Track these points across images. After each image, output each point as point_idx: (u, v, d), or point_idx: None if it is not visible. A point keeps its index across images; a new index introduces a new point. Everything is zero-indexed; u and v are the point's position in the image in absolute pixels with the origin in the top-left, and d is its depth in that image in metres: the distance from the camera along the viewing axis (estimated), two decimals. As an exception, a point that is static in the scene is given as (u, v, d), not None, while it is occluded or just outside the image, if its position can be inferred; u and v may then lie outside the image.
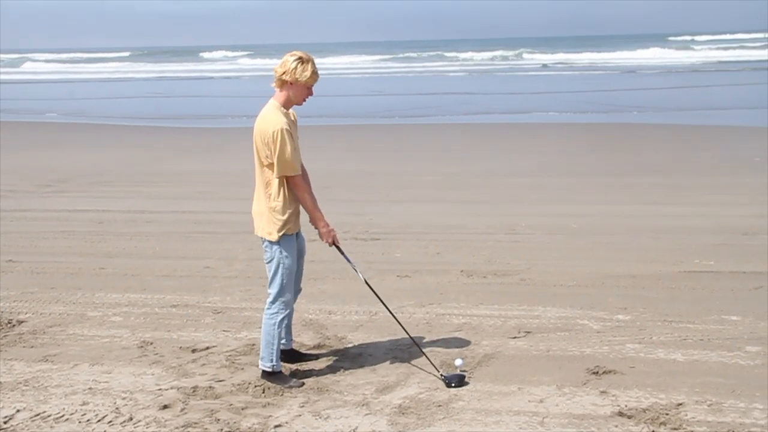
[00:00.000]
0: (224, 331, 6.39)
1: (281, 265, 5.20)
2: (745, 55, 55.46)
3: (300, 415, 4.82)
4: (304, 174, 5.26)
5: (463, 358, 5.52)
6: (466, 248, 8.97)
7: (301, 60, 5.06)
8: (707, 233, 9.37)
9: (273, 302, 5.28)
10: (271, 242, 5.18)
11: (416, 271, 8.05)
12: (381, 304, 5.67)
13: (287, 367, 5.57)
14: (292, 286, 5.33)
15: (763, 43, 63.07)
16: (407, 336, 5.71)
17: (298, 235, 5.34)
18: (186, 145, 18.89)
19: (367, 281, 5.63)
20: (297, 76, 5.05)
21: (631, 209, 10.93)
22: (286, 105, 5.17)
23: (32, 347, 6.04)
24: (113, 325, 6.55)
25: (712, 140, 17.85)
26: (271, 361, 5.29)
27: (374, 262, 8.43)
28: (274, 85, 5.16)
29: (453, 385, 5.19)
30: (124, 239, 9.68)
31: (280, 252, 5.19)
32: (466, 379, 5.28)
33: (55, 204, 11.97)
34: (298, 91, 5.11)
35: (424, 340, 6.06)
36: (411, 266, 8.23)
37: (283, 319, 5.31)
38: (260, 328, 5.37)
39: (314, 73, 5.10)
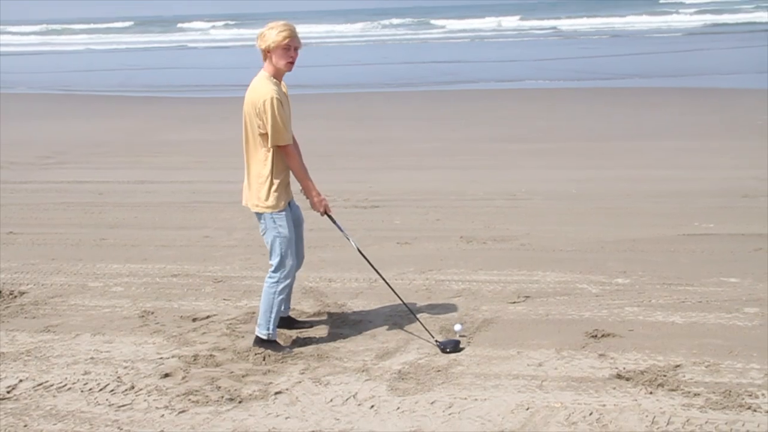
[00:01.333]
0: (224, 299, 6.41)
1: (277, 236, 5.20)
2: (741, 18, 54.85)
3: (300, 382, 4.85)
4: (295, 143, 5.24)
5: (462, 324, 5.54)
6: (466, 214, 8.97)
7: (272, 26, 5.03)
8: (707, 196, 9.36)
9: (275, 271, 5.28)
10: (262, 213, 5.18)
11: (416, 237, 8.06)
12: (381, 269, 5.67)
13: (287, 335, 5.60)
14: (293, 255, 5.32)
15: (753, 5, 62.32)
16: (407, 302, 5.73)
17: (290, 204, 5.32)
18: (184, 115, 18.85)
19: (360, 250, 5.64)
20: (269, 42, 5.01)
21: (631, 173, 10.90)
22: (276, 75, 5.13)
23: (34, 318, 6.08)
24: (114, 296, 6.58)
25: (713, 103, 17.76)
26: (268, 329, 5.31)
27: (374, 229, 8.45)
28: (262, 59, 5.14)
29: (448, 350, 5.22)
30: (124, 210, 9.69)
31: (273, 222, 5.18)
32: (462, 345, 5.30)
33: (55, 175, 11.97)
34: (278, 55, 5.05)
35: (424, 306, 6.08)
36: (411, 233, 8.24)
37: (284, 288, 5.32)
38: (260, 296, 5.38)
39: (285, 33, 5.01)
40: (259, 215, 5.22)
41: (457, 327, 5.48)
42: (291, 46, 5.07)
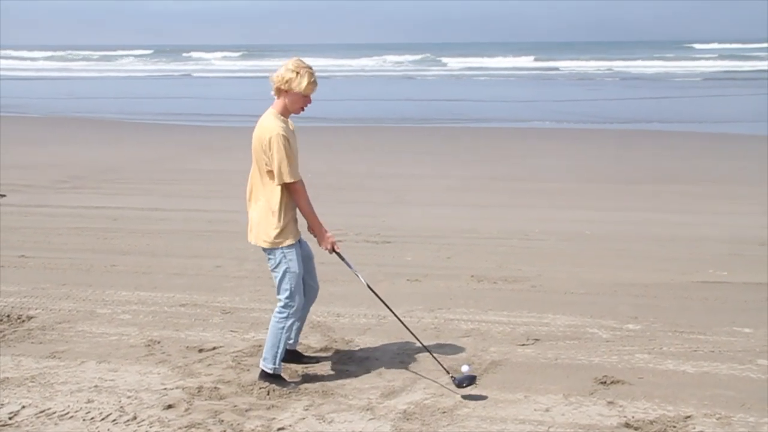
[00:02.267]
0: (232, 331, 6.36)
1: (288, 271, 5.17)
2: (755, 66, 54.99)
3: (304, 418, 4.78)
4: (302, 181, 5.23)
5: (470, 365, 5.46)
6: (478, 253, 8.92)
7: (297, 71, 5.02)
8: (721, 243, 9.27)
9: (284, 307, 5.25)
10: (272, 249, 5.15)
11: (426, 275, 8.01)
12: (391, 307, 5.63)
13: (293, 369, 5.54)
14: (301, 291, 5.30)
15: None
16: (415, 341, 5.68)
17: (299, 239, 5.29)
18: (201, 144, 18.94)
19: (370, 286, 5.60)
20: (293, 87, 5.02)
21: (645, 217, 10.83)
22: (284, 113, 5.13)
23: (40, 343, 6.04)
24: (122, 323, 6.54)
25: (728, 149, 17.71)
26: (274, 363, 5.26)
27: (385, 265, 8.40)
28: (272, 93, 5.14)
29: (465, 385, 5.13)
30: (136, 237, 9.69)
31: (284, 257, 5.16)
32: (478, 381, 5.22)
33: (69, 200, 12.01)
34: (294, 99, 5.07)
35: (432, 346, 5.98)
36: (421, 270, 8.18)
37: (292, 324, 5.29)
38: (267, 329, 5.33)
39: (311, 83, 5.05)
40: (268, 251, 5.19)
41: (465, 368, 5.38)
42: (309, 96, 5.10)
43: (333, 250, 5.35)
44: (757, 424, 4.69)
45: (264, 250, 5.22)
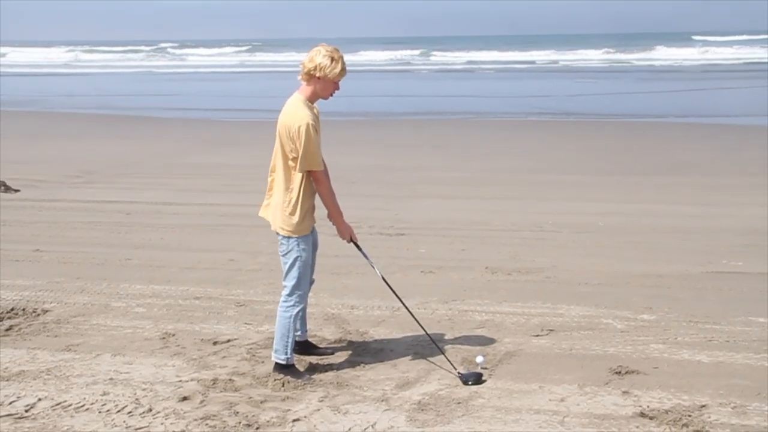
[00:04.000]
0: (246, 323, 6.39)
1: (299, 259, 5.19)
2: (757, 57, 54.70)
3: (319, 410, 4.80)
4: (325, 168, 5.23)
5: (484, 356, 5.47)
6: (492, 245, 8.91)
7: (332, 57, 5.02)
8: (736, 234, 9.22)
9: (289, 295, 5.27)
10: (287, 236, 5.17)
11: (440, 267, 8.01)
12: (405, 298, 5.63)
13: (307, 361, 5.56)
14: (308, 280, 5.34)
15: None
16: (429, 331, 5.68)
17: (313, 229, 5.31)
18: (214, 138, 18.98)
19: (385, 278, 5.60)
20: (327, 72, 5.01)
21: (659, 208, 10.80)
22: (312, 99, 5.13)
23: (56, 336, 6.08)
24: (136, 316, 6.58)
25: (741, 140, 17.58)
26: (286, 353, 5.28)
27: (399, 257, 8.40)
28: (300, 78, 5.12)
29: (470, 383, 5.15)
30: (150, 231, 9.74)
31: (298, 245, 5.18)
32: (484, 377, 5.23)
33: (83, 195, 12.07)
34: (325, 86, 5.08)
35: (446, 337, 6.02)
36: (435, 262, 8.18)
37: (298, 312, 5.30)
38: None
39: (344, 70, 5.07)
40: (282, 237, 5.20)
41: (479, 359, 5.41)
42: (339, 82, 5.12)
43: (351, 240, 5.34)
44: (773, 413, 4.67)
45: (278, 234, 5.23)
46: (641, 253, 8.49)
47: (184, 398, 4.95)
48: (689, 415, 4.62)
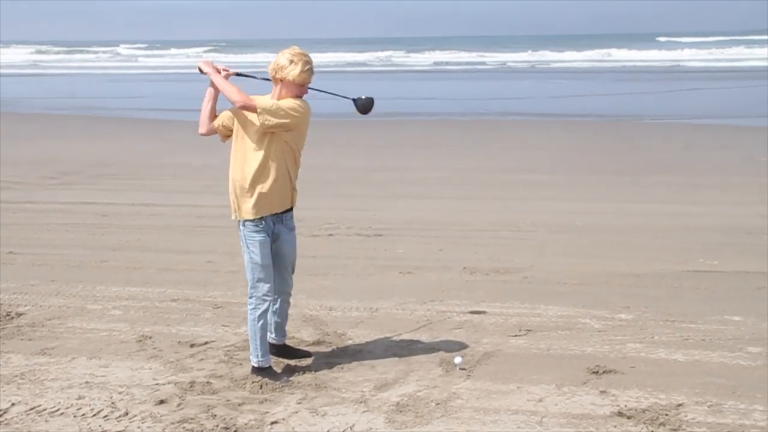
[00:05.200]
0: (224, 326, 6.34)
1: (246, 255, 5.14)
2: (746, 54, 55.26)
3: (297, 412, 4.77)
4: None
5: (462, 356, 5.47)
6: (470, 245, 8.91)
7: (292, 59, 4.99)
8: (712, 232, 9.30)
9: (250, 296, 5.23)
10: (238, 222, 5.15)
11: (419, 267, 8.00)
12: (382, 299, 5.62)
13: (285, 363, 5.52)
14: (268, 279, 5.17)
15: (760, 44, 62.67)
16: (407, 333, 5.67)
17: (275, 223, 5.18)
18: (192, 139, 18.82)
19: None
20: (285, 74, 4.99)
21: (636, 207, 10.85)
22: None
23: (30, 340, 6.01)
24: (112, 319, 6.52)
25: (717, 140, 17.75)
26: (257, 356, 5.22)
27: (377, 258, 8.39)
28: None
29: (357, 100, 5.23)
30: (127, 232, 9.66)
31: (244, 239, 5.13)
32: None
33: (59, 196, 11.96)
34: (288, 88, 5.04)
35: (425, 337, 6.01)
36: (413, 263, 8.17)
37: (262, 314, 5.18)
38: None
39: (304, 72, 4.99)
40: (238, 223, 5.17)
41: (458, 360, 5.41)
42: (305, 86, 5.06)
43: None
44: (747, 411, 4.71)
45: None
46: (619, 252, 8.53)
47: (161, 401, 4.90)
48: (666, 414, 4.65)
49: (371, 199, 11.69)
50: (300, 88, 5.06)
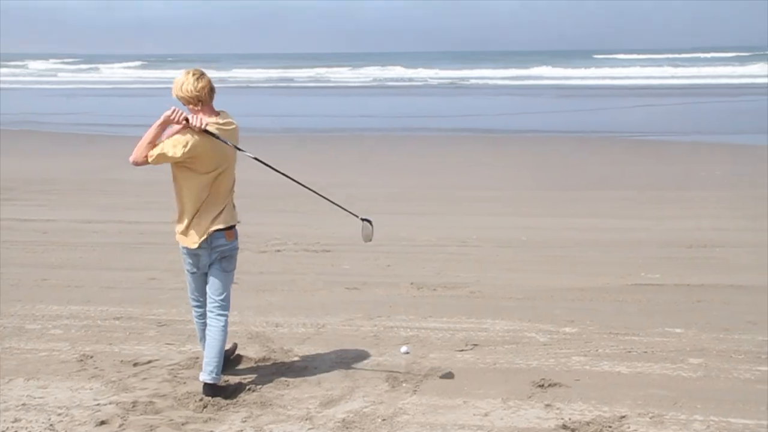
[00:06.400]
0: (168, 344, 6.25)
1: (232, 269, 5.38)
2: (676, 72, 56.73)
3: (242, 431, 4.73)
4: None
5: (408, 347, 5.65)
6: (417, 260, 8.94)
7: (175, 80, 5.09)
8: (654, 246, 9.47)
9: (223, 309, 5.37)
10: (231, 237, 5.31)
11: (365, 283, 8.00)
12: (329, 315, 5.61)
13: (225, 379, 5.46)
14: (193, 294, 5.47)
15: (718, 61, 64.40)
16: (354, 348, 5.66)
17: (208, 266, 5.29)
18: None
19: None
20: (174, 95, 5.09)
21: (580, 222, 11.00)
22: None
23: (-34, 361, 5.84)
24: (52, 338, 6.37)
25: (657, 155, 18.09)
26: (218, 372, 5.28)
27: (324, 273, 8.38)
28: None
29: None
30: (68, 250, 9.47)
31: (235, 251, 5.34)
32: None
33: (-2, 213, 11.66)
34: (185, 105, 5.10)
35: (372, 353, 6.00)
36: (360, 278, 8.17)
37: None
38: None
39: (182, 89, 5.01)
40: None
41: (404, 348, 5.46)
42: (190, 101, 5.08)
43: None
44: (687, 421, 4.80)
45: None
46: (564, 266, 8.64)
47: (102, 422, 4.82)
48: (609, 427, 4.72)
49: (318, 215, 11.61)
50: (187, 103, 5.07)
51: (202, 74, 5.03)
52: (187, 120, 4.92)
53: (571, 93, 40.86)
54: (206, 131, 4.94)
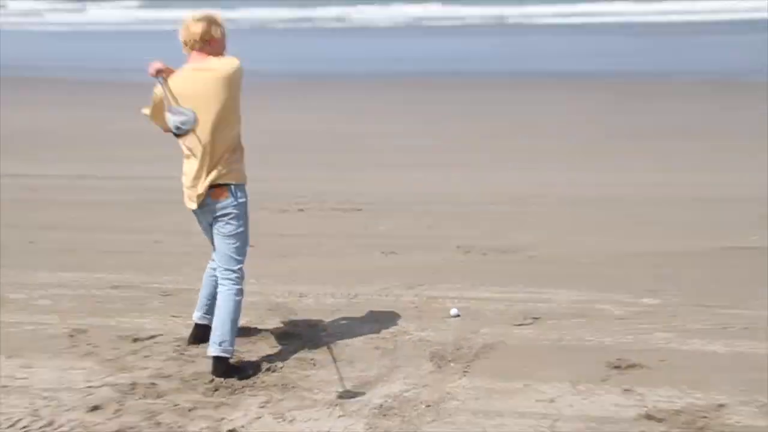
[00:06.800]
0: (173, 316, 6.21)
1: (241, 227, 5.32)
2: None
3: (259, 417, 4.64)
4: None
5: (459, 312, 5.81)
6: (464, 220, 8.92)
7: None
8: (750, 203, 9.26)
9: (232, 272, 5.35)
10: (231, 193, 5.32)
11: (404, 246, 7.94)
12: (362, 284, 5.54)
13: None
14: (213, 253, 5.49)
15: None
16: (391, 323, 5.65)
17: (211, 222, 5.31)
18: (141, 102, 18.60)
19: None
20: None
21: (659, 176, 10.91)
22: None
23: (-61, 336, 5.85)
24: (39, 310, 6.35)
25: (746, 99, 17.74)
26: (232, 345, 5.29)
27: (355, 235, 8.36)
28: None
29: None
30: (61, 208, 9.57)
31: (243, 206, 5.32)
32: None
33: (-21, 168, 11.74)
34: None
35: (413, 328, 5.91)
36: (398, 241, 8.12)
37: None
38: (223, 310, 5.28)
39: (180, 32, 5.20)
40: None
41: (453, 311, 5.75)
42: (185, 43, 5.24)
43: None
44: (803, 412, 4.61)
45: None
46: (640, 227, 8.55)
47: (95, 408, 4.75)
48: (705, 417, 4.55)
49: (350, 169, 11.75)
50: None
51: (200, 19, 5.16)
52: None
53: (643, 30, 40.33)
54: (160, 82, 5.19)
